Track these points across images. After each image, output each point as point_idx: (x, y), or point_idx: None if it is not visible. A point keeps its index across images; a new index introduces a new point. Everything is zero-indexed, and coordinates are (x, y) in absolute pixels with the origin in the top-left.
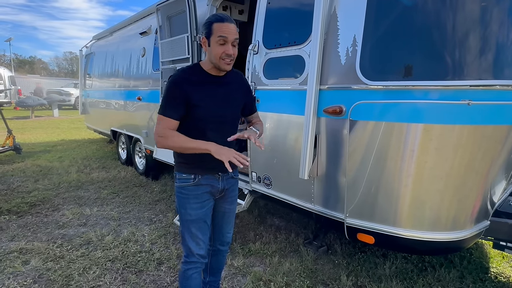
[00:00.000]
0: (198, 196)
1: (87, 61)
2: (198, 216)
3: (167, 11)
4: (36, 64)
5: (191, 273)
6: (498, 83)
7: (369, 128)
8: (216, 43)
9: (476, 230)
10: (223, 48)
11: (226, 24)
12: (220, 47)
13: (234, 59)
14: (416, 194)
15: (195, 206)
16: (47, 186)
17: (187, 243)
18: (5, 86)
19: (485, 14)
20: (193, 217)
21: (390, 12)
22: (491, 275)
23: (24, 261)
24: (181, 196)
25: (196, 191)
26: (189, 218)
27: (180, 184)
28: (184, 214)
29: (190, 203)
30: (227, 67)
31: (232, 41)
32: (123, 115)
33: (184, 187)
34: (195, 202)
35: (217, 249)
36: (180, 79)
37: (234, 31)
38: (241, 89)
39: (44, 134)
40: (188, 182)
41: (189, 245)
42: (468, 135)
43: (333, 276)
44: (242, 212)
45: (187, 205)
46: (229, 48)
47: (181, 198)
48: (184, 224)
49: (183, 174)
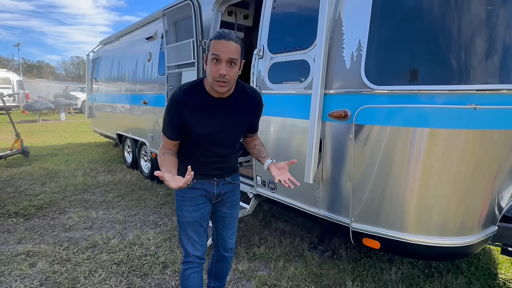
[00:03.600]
0: (193, 199)
1: (94, 65)
2: (193, 218)
3: (173, 16)
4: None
5: (189, 273)
6: (505, 88)
7: (375, 133)
8: (211, 62)
9: (484, 235)
10: (216, 68)
11: (222, 42)
12: (214, 66)
13: (230, 81)
14: (423, 199)
15: (190, 209)
16: (54, 189)
17: (184, 244)
18: (13, 90)
19: (490, 18)
20: (188, 219)
21: (395, 16)
22: (499, 282)
23: (31, 264)
24: (178, 198)
25: (191, 194)
26: (185, 220)
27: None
28: (180, 216)
29: (186, 206)
30: (221, 89)
31: (226, 60)
32: (129, 119)
33: (180, 190)
34: (190, 204)
35: (221, 255)
36: (179, 101)
37: (232, 50)
38: (247, 108)
39: (51, 138)
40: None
41: (185, 246)
42: (474, 140)
43: (338, 281)
44: (247, 216)
45: (183, 207)
46: (222, 68)
47: (178, 200)
48: (181, 226)
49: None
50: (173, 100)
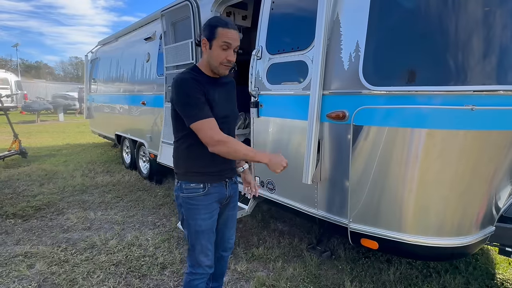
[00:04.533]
0: (208, 206)
1: (93, 66)
2: (208, 226)
3: (171, 17)
4: (42, 69)
5: (197, 283)
6: (502, 88)
7: (373, 133)
8: (219, 47)
9: (481, 235)
10: (225, 54)
11: (231, 31)
12: (223, 52)
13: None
14: (420, 200)
15: (205, 217)
16: (52, 190)
17: (197, 255)
18: (11, 91)
19: (487, 19)
20: (203, 228)
21: (393, 18)
22: (497, 282)
23: (29, 265)
24: (190, 207)
25: (206, 201)
26: (199, 229)
27: (188, 195)
28: (193, 225)
29: (201, 214)
30: (225, 72)
31: (234, 47)
32: (128, 120)
33: (193, 197)
34: (205, 212)
35: (220, 256)
36: (191, 78)
37: (238, 38)
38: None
39: (50, 138)
40: (198, 192)
41: (198, 257)
42: (472, 140)
43: (336, 281)
44: (246, 217)
45: (197, 216)
46: (231, 54)
47: (190, 209)
48: (193, 236)
49: (191, 183)
50: (187, 80)
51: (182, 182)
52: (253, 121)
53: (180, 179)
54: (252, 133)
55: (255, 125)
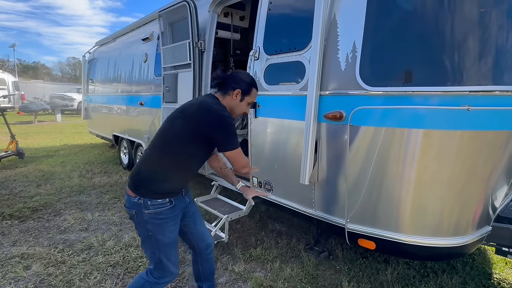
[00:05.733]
0: (175, 217)
1: (90, 66)
2: (175, 236)
3: (169, 17)
4: (40, 70)
5: None
6: (498, 89)
7: (370, 134)
8: (247, 103)
9: (478, 235)
10: (248, 109)
11: (257, 92)
12: (247, 108)
13: None
14: (417, 200)
15: (173, 228)
16: (49, 191)
17: (167, 266)
18: (8, 91)
19: (483, 20)
20: (172, 239)
21: (390, 19)
22: (494, 281)
23: (26, 266)
24: (158, 222)
25: (173, 212)
26: (168, 241)
27: (155, 210)
28: (161, 239)
29: (169, 226)
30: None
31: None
32: (125, 120)
33: (161, 212)
34: (173, 223)
35: (204, 254)
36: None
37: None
38: None
39: (47, 139)
40: (165, 206)
41: (169, 267)
42: (468, 141)
43: (334, 282)
44: (243, 217)
45: (165, 229)
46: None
47: (158, 224)
48: (163, 249)
49: (158, 199)
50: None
51: (147, 200)
52: (251, 122)
53: (143, 196)
54: (250, 134)
55: (253, 125)
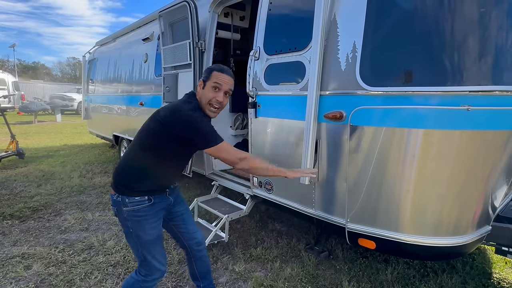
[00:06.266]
0: (155, 215)
1: (90, 66)
2: (158, 233)
3: (169, 17)
4: (40, 70)
5: None
6: (497, 89)
7: (370, 134)
8: (210, 88)
9: (478, 235)
10: (214, 94)
11: (225, 75)
12: (213, 92)
13: (222, 108)
14: (417, 199)
15: (154, 225)
16: (50, 191)
17: (152, 263)
18: (8, 91)
19: (483, 20)
20: (154, 236)
21: (390, 19)
22: (494, 281)
23: (26, 266)
24: (137, 220)
25: (153, 210)
26: (150, 238)
27: (133, 208)
28: (143, 236)
29: (149, 223)
30: (212, 115)
31: (225, 90)
32: (125, 120)
33: (139, 210)
34: (154, 220)
35: (196, 253)
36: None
37: (230, 83)
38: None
39: (47, 139)
40: (143, 204)
41: (154, 264)
42: (468, 140)
43: (334, 281)
44: (244, 217)
45: (146, 226)
46: (220, 95)
47: (138, 221)
48: (145, 246)
49: (135, 197)
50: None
51: (125, 197)
52: (251, 122)
53: (121, 193)
54: (250, 134)
55: (253, 125)
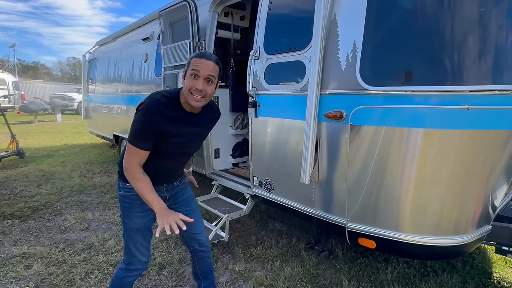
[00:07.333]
0: (142, 205)
1: (90, 66)
2: (144, 224)
3: (169, 17)
4: (40, 70)
5: (128, 281)
6: (497, 88)
7: (370, 133)
8: (189, 76)
9: (478, 234)
10: (193, 82)
11: (203, 60)
12: (191, 81)
13: (206, 97)
14: (418, 199)
15: (141, 215)
16: (50, 190)
17: (133, 251)
18: (8, 91)
19: (483, 19)
20: (138, 225)
21: (390, 18)
22: (494, 280)
23: (27, 266)
24: (126, 206)
25: (140, 199)
26: (134, 226)
27: (124, 193)
28: (128, 223)
29: (135, 212)
30: (195, 104)
31: (205, 76)
32: (126, 120)
33: (128, 196)
34: (140, 210)
35: (199, 253)
36: (156, 110)
37: (211, 68)
38: (211, 124)
39: (47, 139)
40: (132, 191)
41: (134, 253)
42: (468, 140)
43: (334, 281)
44: (244, 217)
45: (131, 214)
46: (199, 83)
47: (125, 207)
48: (129, 233)
49: (127, 183)
50: (151, 111)
51: (119, 181)
52: (251, 121)
53: (119, 177)
54: (250, 133)
55: (253, 125)
